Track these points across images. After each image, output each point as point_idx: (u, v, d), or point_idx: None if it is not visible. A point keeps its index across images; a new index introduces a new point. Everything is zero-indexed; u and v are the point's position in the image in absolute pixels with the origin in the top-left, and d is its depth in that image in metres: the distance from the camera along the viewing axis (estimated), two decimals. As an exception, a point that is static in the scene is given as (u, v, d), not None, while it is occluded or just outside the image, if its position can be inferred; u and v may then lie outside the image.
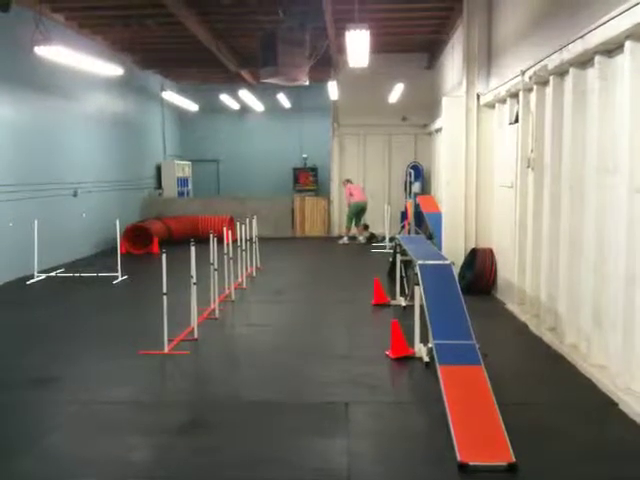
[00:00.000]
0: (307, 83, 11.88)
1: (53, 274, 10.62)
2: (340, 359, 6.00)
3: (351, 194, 14.85)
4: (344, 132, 16.49)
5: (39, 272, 10.34)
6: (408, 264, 8.24)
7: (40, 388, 5.33)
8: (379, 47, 13.41)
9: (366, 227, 15.19)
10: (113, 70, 11.15)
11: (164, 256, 6.17)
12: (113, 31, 12.97)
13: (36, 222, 10.18)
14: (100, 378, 5.60)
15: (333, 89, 14.98)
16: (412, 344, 5.96)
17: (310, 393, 5.15)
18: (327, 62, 14.31)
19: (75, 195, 12.58)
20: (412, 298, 7.14)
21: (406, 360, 5.81)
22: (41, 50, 8.84)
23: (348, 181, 15.32)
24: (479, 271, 8.72)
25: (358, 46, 9.31)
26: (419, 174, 15.79)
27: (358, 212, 14.90)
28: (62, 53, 9.14)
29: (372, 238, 14.94)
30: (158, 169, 18.00)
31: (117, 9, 11.27)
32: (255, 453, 4.11)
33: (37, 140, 11.31)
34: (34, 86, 11.12)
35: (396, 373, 5.66)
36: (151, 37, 13.41)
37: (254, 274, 10.52)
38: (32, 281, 10.09)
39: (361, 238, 14.97)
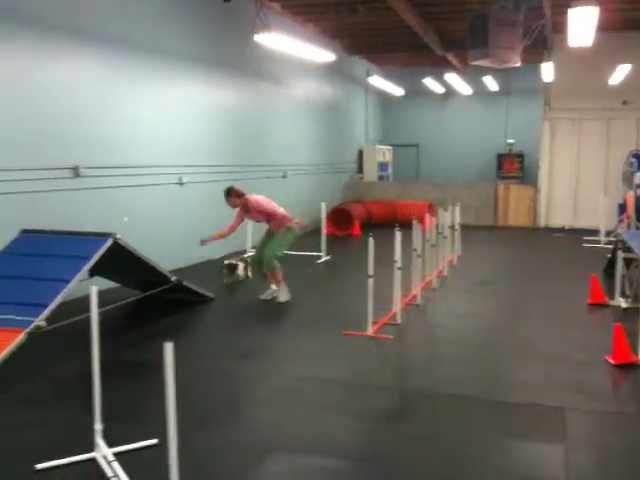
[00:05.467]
0: (518, 64, 11.30)
1: (262, 251, 11.26)
2: (551, 360, 5.62)
3: (278, 215, 7.80)
4: (556, 116, 15.44)
5: (251, 248, 11.01)
6: (630, 262, 7.51)
7: (251, 360, 5.63)
8: (601, 25, 12.30)
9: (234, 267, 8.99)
10: (325, 56, 11.46)
11: (371, 239, 6.22)
12: (324, 18, 13.35)
13: (250, 202, 10.87)
14: (307, 355, 5.80)
15: (547, 70, 14.10)
16: (635, 351, 5.41)
17: (519, 394, 4.87)
18: (540, 42, 13.47)
19: (284, 177, 13.22)
20: (635, 300, 6.52)
21: (629, 368, 5.28)
22: (261, 37, 9.32)
23: (239, 196, 7.77)
24: None
25: (582, 24, 8.63)
26: (642, 163, 14.33)
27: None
28: (280, 40, 9.56)
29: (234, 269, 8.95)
30: (360, 153, 18.31)
31: (329, -4, 11.56)
32: (461, 449, 3.97)
33: (253, 124, 12.03)
34: (252, 72, 11.82)
35: (619, 381, 5.18)
36: (360, 23, 13.62)
37: (455, 262, 10.29)
38: (245, 256, 10.77)
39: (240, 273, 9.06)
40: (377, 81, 16.82)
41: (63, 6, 7.42)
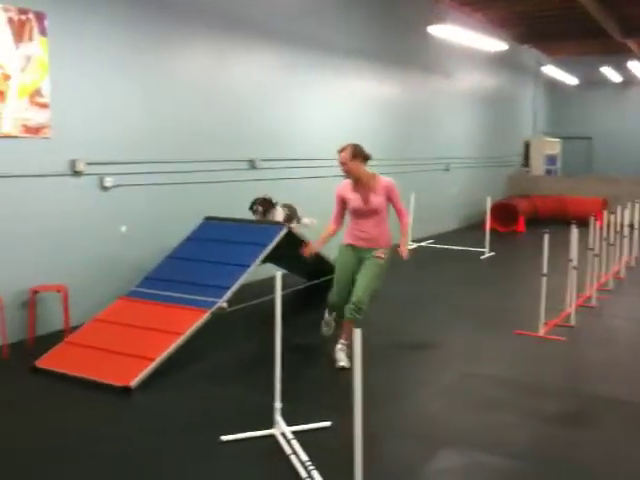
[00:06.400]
0: None
1: (424, 244, 11.22)
2: None
3: (405, 219, 5.57)
4: None
5: (412, 241, 11.00)
6: None
7: (418, 353, 5.65)
8: None
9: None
10: (498, 46, 11.14)
11: (546, 236, 5.97)
12: (493, 7, 12.94)
13: (413, 196, 10.82)
14: (477, 352, 5.69)
15: None
16: None
17: None
18: None
19: (447, 170, 13.04)
20: None
21: None
22: (435, 29, 9.21)
23: (366, 160, 5.56)
24: None
25: None
26: None
27: None
28: (454, 31, 9.41)
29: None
30: (526, 146, 17.57)
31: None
32: (635, 460, 3.72)
33: (419, 117, 11.99)
34: (420, 65, 11.77)
35: None
36: (530, 11, 13.09)
37: (632, 263, 9.57)
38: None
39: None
40: (550, 70, 16.00)
41: (241, 6, 7.82)
